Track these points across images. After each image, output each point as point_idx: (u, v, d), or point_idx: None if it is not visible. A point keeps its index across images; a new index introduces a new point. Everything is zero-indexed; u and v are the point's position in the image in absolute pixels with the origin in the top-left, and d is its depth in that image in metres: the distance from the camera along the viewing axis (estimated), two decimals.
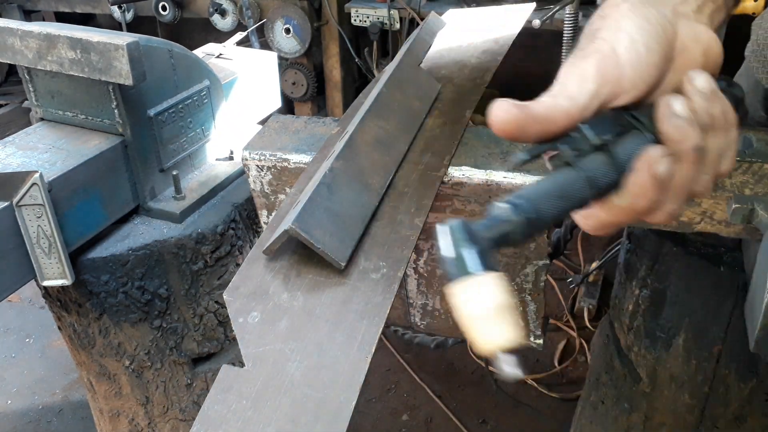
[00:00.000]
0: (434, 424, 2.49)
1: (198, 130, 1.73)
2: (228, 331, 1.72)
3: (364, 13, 3.19)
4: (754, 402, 1.37)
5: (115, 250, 1.52)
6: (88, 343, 1.67)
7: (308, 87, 3.45)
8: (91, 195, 1.51)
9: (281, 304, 0.97)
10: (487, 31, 1.64)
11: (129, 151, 1.57)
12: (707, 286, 1.30)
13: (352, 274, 1.01)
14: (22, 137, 1.59)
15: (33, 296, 3.21)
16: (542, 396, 2.57)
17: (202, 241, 1.59)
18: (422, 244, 1.34)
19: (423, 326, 1.49)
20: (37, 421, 2.58)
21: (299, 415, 0.82)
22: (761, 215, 1.06)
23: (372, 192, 1.14)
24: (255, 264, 1.05)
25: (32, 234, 1.38)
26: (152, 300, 1.58)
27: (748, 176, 1.15)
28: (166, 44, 1.57)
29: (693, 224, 1.16)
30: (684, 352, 1.38)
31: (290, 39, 3.32)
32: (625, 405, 1.56)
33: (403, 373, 2.69)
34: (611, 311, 1.62)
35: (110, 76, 1.42)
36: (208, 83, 1.73)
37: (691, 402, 1.43)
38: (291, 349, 0.90)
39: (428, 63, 1.55)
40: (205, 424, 0.82)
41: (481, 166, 1.22)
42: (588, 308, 2.86)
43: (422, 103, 1.38)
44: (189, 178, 1.73)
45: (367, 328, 0.92)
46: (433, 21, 1.72)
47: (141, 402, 1.76)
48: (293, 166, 1.33)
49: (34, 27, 1.46)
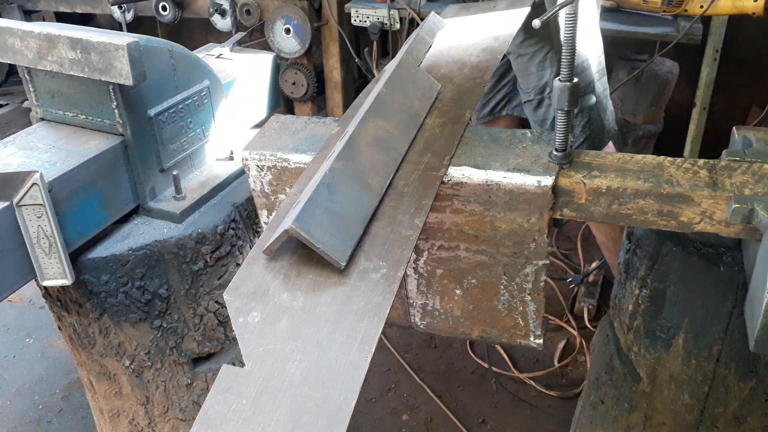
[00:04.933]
0: (434, 424, 2.49)
1: (198, 130, 1.73)
2: (228, 331, 1.72)
3: (364, 13, 3.19)
4: (754, 402, 1.37)
5: (115, 250, 1.52)
6: (88, 343, 1.67)
7: (308, 87, 3.45)
8: (91, 195, 1.51)
9: (281, 304, 0.97)
10: (487, 29, 1.64)
11: (129, 151, 1.57)
12: (707, 286, 1.30)
13: (352, 274, 1.01)
14: (23, 137, 1.59)
15: (33, 296, 3.20)
16: (542, 395, 2.57)
17: (202, 241, 1.59)
18: (422, 244, 1.34)
19: (423, 326, 1.49)
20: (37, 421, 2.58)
21: (299, 415, 0.82)
22: (761, 215, 1.06)
23: (372, 192, 1.14)
24: (255, 264, 1.05)
25: (32, 234, 1.38)
26: (152, 300, 1.58)
27: (748, 176, 1.15)
28: (166, 44, 1.58)
29: (693, 224, 1.16)
30: (684, 352, 1.38)
31: (290, 39, 3.32)
32: (625, 405, 1.56)
33: (403, 373, 2.69)
34: (611, 311, 1.62)
35: (110, 76, 1.42)
36: (208, 83, 1.73)
37: (691, 402, 1.43)
38: (291, 348, 0.90)
39: (428, 62, 1.55)
40: (205, 424, 0.82)
41: (481, 166, 1.22)
42: (588, 308, 2.86)
43: (422, 103, 1.38)
44: (189, 178, 1.73)
45: (367, 328, 0.92)
46: (433, 21, 1.72)
47: (141, 402, 1.76)
48: (293, 166, 1.33)
49: (34, 27, 1.46)
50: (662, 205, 1.15)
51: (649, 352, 1.45)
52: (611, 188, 1.16)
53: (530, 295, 1.34)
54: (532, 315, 1.38)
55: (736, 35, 3.02)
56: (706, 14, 2.49)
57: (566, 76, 1.16)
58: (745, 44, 3.15)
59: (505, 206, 1.22)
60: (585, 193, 1.19)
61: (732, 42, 3.00)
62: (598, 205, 1.19)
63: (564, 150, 1.21)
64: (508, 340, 1.43)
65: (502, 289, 1.35)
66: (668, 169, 1.18)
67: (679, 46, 2.64)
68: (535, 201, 1.20)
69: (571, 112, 1.20)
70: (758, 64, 3.23)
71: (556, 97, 1.18)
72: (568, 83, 1.16)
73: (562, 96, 1.17)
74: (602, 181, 1.17)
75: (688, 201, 1.13)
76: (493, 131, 1.33)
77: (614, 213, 1.19)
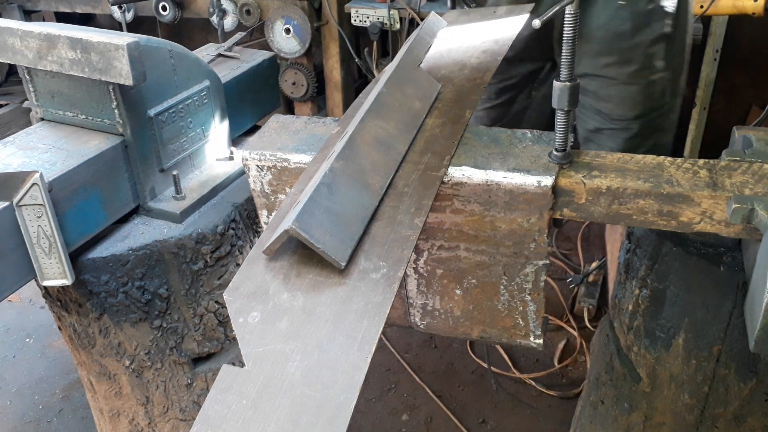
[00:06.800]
0: (434, 424, 2.49)
1: (198, 130, 1.73)
2: (228, 331, 1.72)
3: (364, 13, 3.19)
4: (754, 402, 1.37)
5: (115, 250, 1.52)
6: (88, 343, 1.67)
7: (308, 87, 3.45)
8: (91, 195, 1.51)
9: (281, 304, 0.97)
10: (487, 31, 1.64)
11: (129, 151, 1.57)
12: (707, 286, 1.30)
13: (352, 274, 1.01)
14: (23, 137, 1.59)
15: (33, 296, 3.20)
16: (542, 395, 2.57)
17: (202, 241, 1.59)
18: (422, 244, 1.34)
19: (423, 326, 1.49)
20: (37, 421, 2.58)
21: (299, 415, 0.82)
22: (761, 215, 1.06)
23: (372, 192, 1.14)
24: (255, 264, 1.05)
25: (32, 234, 1.38)
26: (152, 300, 1.58)
27: (748, 176, 1.15)
28: (166, 44, 1.58)
29: (693, 224, 1.16)
30: (684, 352, 1.38)
31: (290, 39, 3.32)
32: (625, 405, 1.56)
33: (403, 373, 2.69)
34: (611, 311, 1.62)
35: (110, 76, 1.42)
36: (208, 83, 1.73)
37: (691, 402, 1.43)
38: (291, 349, 0.90)
39: (428, 63, 1.55)
40: (205, 424, 0.82)
41: (481, 166, 1.22)
42: (588, 308, 2.86)
43: (422, 103, 1.38)
44: (189, 178, 1.73)
45: (367, 328, 0.92)
46: (433, 21, 1.72)
47: (141, 402, 1.76)
48: (293, 166, 1.33)
49: (34, 27, 1.46)
50: (662, 205, 1.15)
51: (649, 352, 1.45)
52: (611, 188, 1.16)
53: (530, 295, 1.34)
54: (532, 315, 1.38)
55: (736, 35, 3.02)
56: (706, 14, 2.50)
57: (566, 76, 1.17)
58: (745, 44, 3.15)
59: (505, 206, 1.22)
60: (585, 193, 1.19)
61: (732, 42, 3.00)
62: (598, 205, 1.19)
63: (564, 150, 1.21)
64: (508, 340, 1.43)
65: (502, 289, 1.35)
66: (668, 169, 1.18)
67: None
68: (535, 201, 1.20)
69: (572, 112, 1.20)
70: (758, 64, 3.23)
71: (556, 97, 1.18)
72: (568, 83, 1.16)
73: (562, 96, 1.17)
74: (602, 181, 1.17)
75: (688, 201, 1.13)
76: (493, 131, 1.33)
77: (614, 213, 1.19)
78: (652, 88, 1.79)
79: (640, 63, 1.75)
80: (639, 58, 1.74)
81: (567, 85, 1.16)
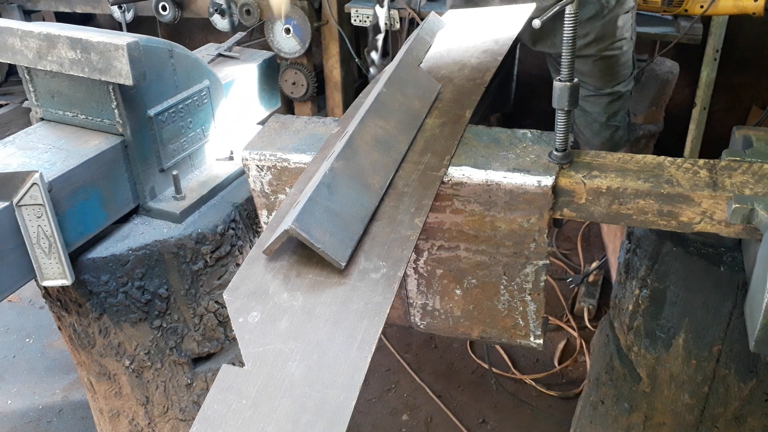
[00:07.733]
0: (434, 424, 2.49)
1: (198, 130, 1.73)
2: (228, 331, 1.72)
3: (364, 13, 3.18)
4: (754, 402, 1.37)
5: (115, 250, 1.52)
6: (88, 343, 1.67)
7: (308, 87, 3.45)
8: (91, 195, 1.51)
9: (281, 304, 0.97)
10: (487, 31, 1.64)
11: (129, 151, 1.57)
12: (707, 286, 1.30)
13: (352, 274, 1.01)
14: (22, 137, 1.59)
15: (33, 296, 3.20)
16: (542, 395, 2.57)
17: (202, 241, 1.59)
18: (422, 244, 1.34)
19: (423, 326, 1.49)
20: (37, 421, 2.58)
21: (299, 415, 0.82)
22: (761, 215, 1.06)
23: (372, 192, 1.14)
24: (255, 264, 1.05)
25: (32, 234, 1.37)
26: (152, 300, 1.58)
27: (748, 176, 1.15)
28: (166, 44, 1.57)
29: (693, 224, 1.16)
30: (684, 352, 1.38)
31: (290, 39, 3.32)
32: (625, 405, 1.56)
33: (403, 373, 2.69)
34: (611, 311, 1.62)
35: (110, 76, 1.42)
36: (208, 83, 1.73)
37: (691, 402, 1.43)
38: (291, 348, 0.90)
39: (428, 63, 1.55)
40: (205, 424, 0.82)
41: (481, 166, 1.22)
42: (588, 308, 2.86)
43: (422, 103, 1.38)
44: (189, 178, 1.73)
45: (367, 328, 0.92)
46: (433, 21, 1.72)
47: (141, 402, 1.76)
48: (293, 166, 1.33)
49: (34, 27, 1.46)
50: (662, 205, 1.15)
51: (649, 352, 1.45)
52: (611, 188, 1.16)
53: (530, 295, 1.34)
54: (532, 315, 1.37)
55: (736, 35, 3.02)
56: (707, 14, 2.50)
57: (566, 76, 1.17)
58: (745, 44, 3.15)
59: (505, 206, 1.22)
60: (585, 193, 1.19)
61: (732, 42, 3.00)
62: (598, 205, 1.19)
63: (564, 150, 1.21)
64: (508, 340, 1.43)
65: (502, 289, 1.35)
66: (668, 169, 1.18)
67: (679, 46, 2.64)
68: (535, 201, 1.20)
69: (572, 111, 1.20)
70: (758, 64, 3.23)
71: (557, 97, 1.18)
72: (568, 83, 1.16)
73: (562, 96, 1.17)
74: (602, 181, 1.17)
75: (688, 201, 1.13)
76: (493, 131, 1.33)
77: (614, 213, 1.19)
78: (625, 57, 2.10)
79: (613, 36, 2.02)
80: (612, 31, 2.00)
81: (567, 85, 1.16)
